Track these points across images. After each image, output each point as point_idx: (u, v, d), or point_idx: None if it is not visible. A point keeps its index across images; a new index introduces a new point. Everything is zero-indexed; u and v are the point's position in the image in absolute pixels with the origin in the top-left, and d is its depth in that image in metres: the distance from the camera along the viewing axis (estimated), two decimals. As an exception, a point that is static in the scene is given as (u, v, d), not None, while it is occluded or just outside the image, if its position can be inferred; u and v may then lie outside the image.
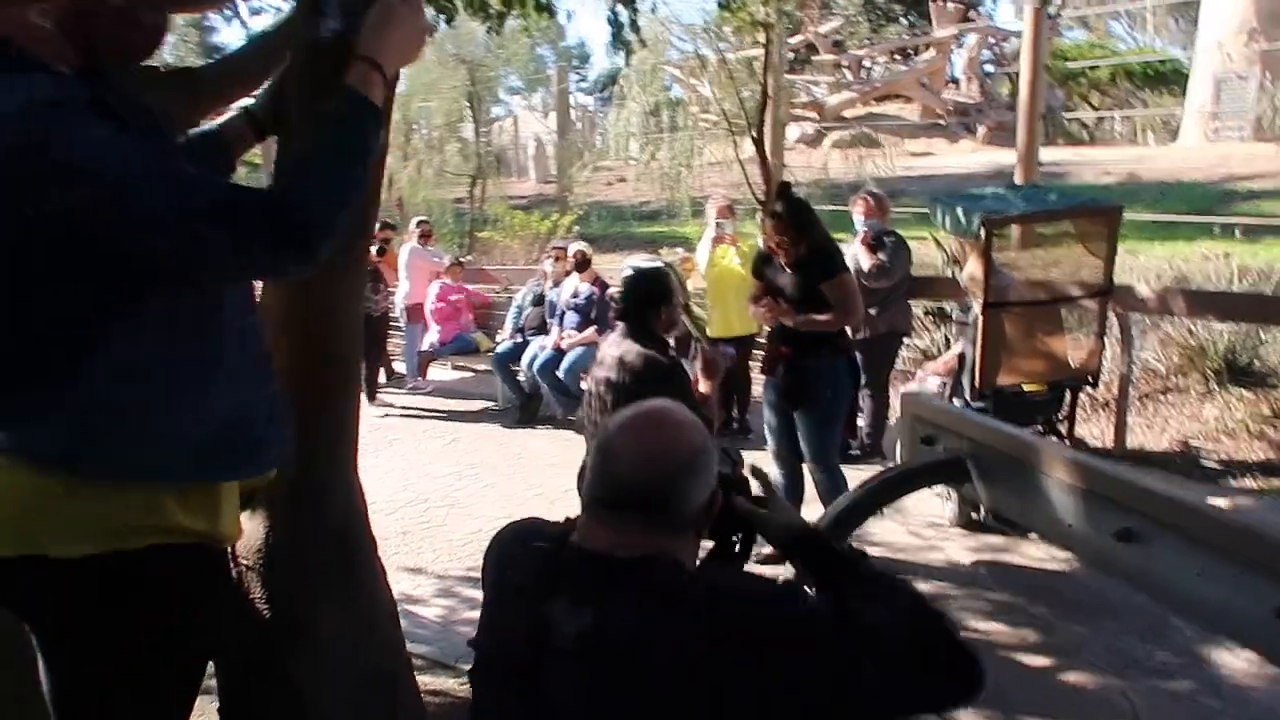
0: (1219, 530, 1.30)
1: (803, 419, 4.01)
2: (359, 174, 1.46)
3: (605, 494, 1.23)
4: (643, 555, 1.19)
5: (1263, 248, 8.42)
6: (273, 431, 1.59)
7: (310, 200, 1.36)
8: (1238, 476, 5.06)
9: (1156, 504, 1.39)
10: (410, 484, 5.88)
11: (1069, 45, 24.07)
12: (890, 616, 1.18)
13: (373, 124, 1.49)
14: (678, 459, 1.24)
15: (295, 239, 1.34)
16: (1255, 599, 1.22)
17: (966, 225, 4.26)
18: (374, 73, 1.50)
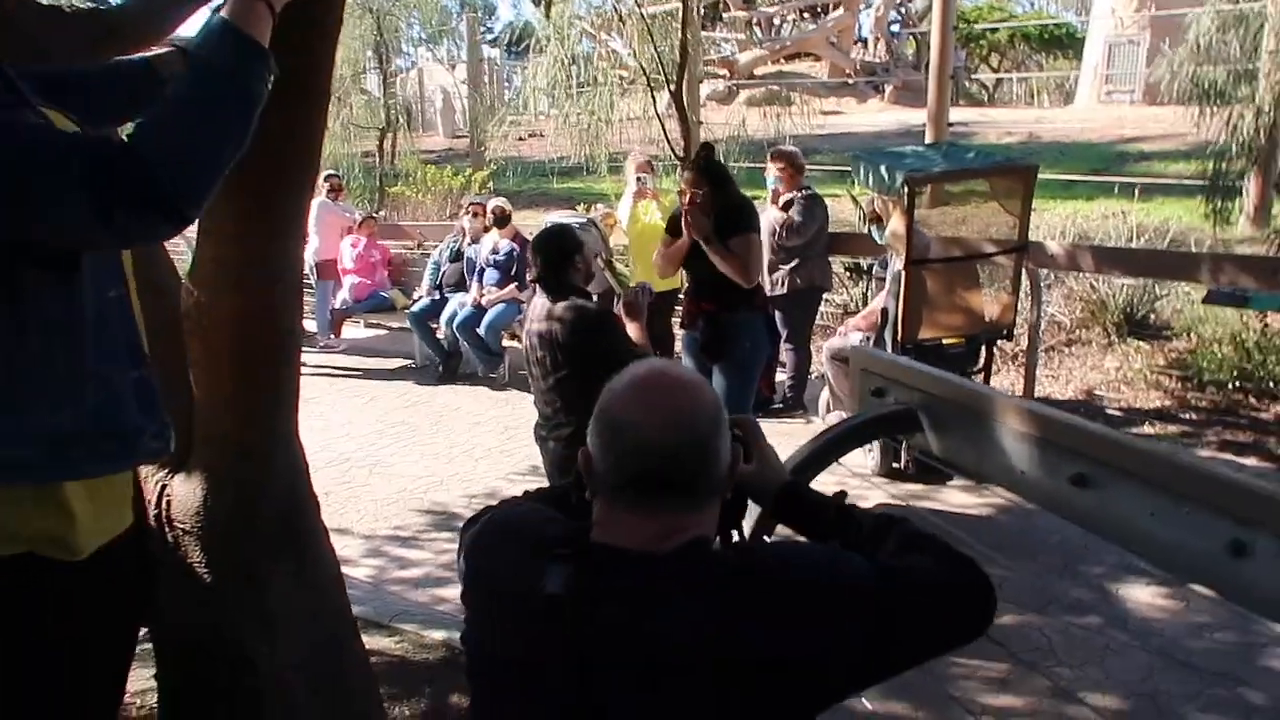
0: (1170, 471, 1.36)
1: (721, 372, 4.06)
2: (241, 126, 1.27)
3: (639, 472, 1.08)
4: (683, 544, 1.07)
5: (1155, 206, 8.83)
6: (148, 419, 1.45)
7: (185, 159, 1.21)
8: (1137, 423, 5.34)
9: (1108, 448, 1.46)
10: (329, 444, 5.75)
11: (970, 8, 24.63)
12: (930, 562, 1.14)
13: (253, 65, 1.28)
14: (705, 414, 1.11)
15: (166, 202, 1.20)
16: (1207, 537, 1.29)
17: (890, 182, 4.33)
18: (258, 4, 1.30)
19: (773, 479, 1.31)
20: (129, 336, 1.47)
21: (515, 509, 1.31)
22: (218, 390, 1.97)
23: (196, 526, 2.00)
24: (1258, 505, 1.25)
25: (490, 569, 1.20)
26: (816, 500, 1.30)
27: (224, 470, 2.00)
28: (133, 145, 1.21)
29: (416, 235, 9.07)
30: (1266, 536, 1.21)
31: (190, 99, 1.25)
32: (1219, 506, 1.28)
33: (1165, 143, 10.78)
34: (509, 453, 5.44)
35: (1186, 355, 5.93)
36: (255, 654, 2.00)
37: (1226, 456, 4.84)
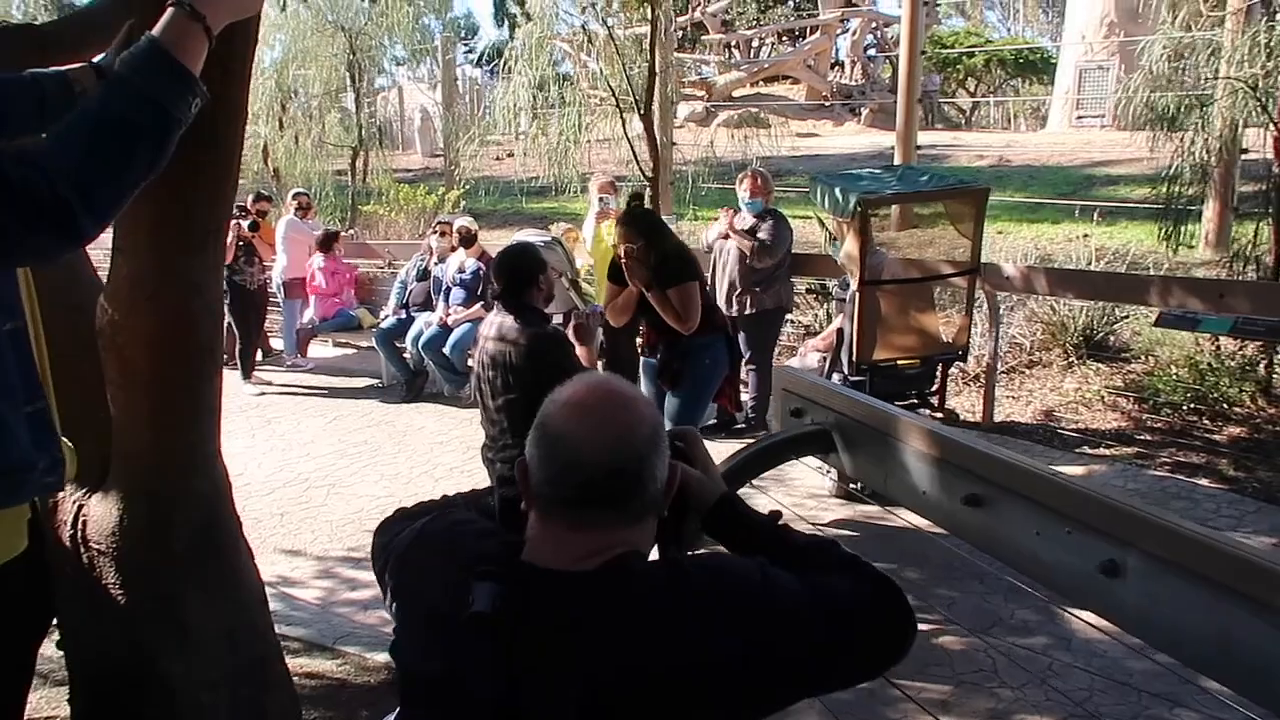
0: (1053, 492, 1.38)
1: (674, 395, 4.08)
2: (153, 150, 1.23)
3: (569, 491, 1.08)
4: (611, 560, 1.07)
5: (1118, 229, 8.94)
6: (39, 454, 1.41)
7: (84, 174, 1.17)
8: (1093, 445, 5.38)
9: (998, 469, 1.47)
10: (289, 464, 5.71)
11: (947, 33, 24.93)
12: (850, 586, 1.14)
13: (175, 88, 1.23)
14: (641, 434, 1.10)
15: (54, 217, 1.15)
16: (1083, 556, 1.30)
17: (844, 205, 4.37)
18: (191, 23, 1.25)
19: (710, 491, 1.31)
20: (24, 370, 1.43)
21: (445, 520, 1.28)
22: (134, 409, 1.95)
23: (111, 547, 1.98)
24: (1129, 525, 1.26)
25: (420, 583, 1.18)
26: (750, 516, 1.30)
27: (140, 490, 1.99)
28: (31, 152, 1.17)
29: (385, 254, 9.06)
30: (1137, 556, 1.23)
31: (101, 114, 1.21)
32: (1095, 527, 1.30)
33: (1131, 167, 10.93)
34: (469, 473, 5.41)
35: (1143, 377, 5.99)
36: (170, 674, 1.99)
37: (1179, 478, 4.88)
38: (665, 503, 1.16)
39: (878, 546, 4.16)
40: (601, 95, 10.01)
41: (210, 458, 2.08)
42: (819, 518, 4.49)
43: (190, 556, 2.03)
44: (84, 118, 1.22)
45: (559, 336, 3.40)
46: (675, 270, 3.97)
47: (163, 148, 1.25)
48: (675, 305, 3.92)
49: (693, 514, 1.29)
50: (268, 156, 12.07)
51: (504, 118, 10.43)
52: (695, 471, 1.29)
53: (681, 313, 3.92)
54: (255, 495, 5.12)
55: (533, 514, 1.13)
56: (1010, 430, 5.68)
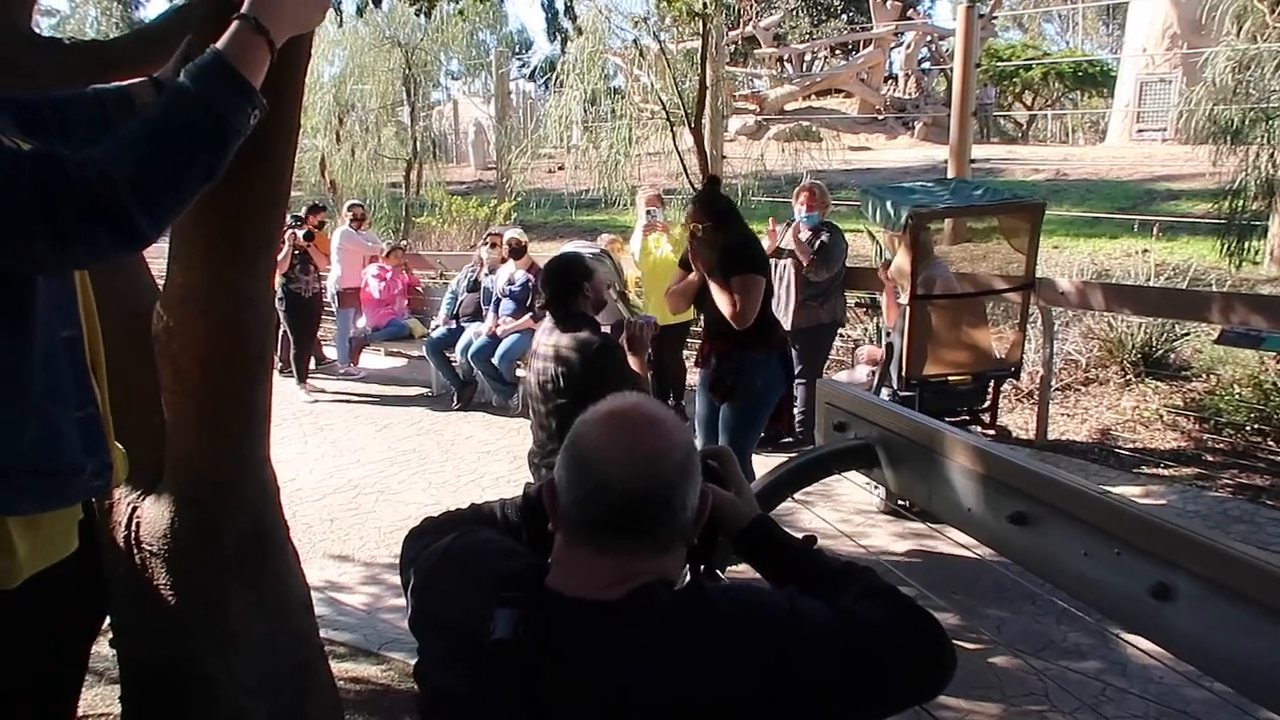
0: (1101, 512, 1.34)
1: (727, 410, 4.03)
2: (212, 158, 1.26)
3: (597, 514, 1.06)
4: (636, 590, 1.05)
5: (1179, 245, 8.72)
6: (88, 458, 1.44)
7: (143, 179, 1.19)
8: (1151, 465, 5.24)
9: (1044, 487, 1.43)
10: (340, 470, 5.79)
11: (1004, 45, 24.60)
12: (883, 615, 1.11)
13: (238, 100, 1.26)
14: (673, 459, 1.08)
15: (114, 220, 1.18)
16: (1133, 579, 1.26)
17: (895, 218, 4.33)
18: (255, 35, 1.28)
19: (743, 513, 1.30)
20: (77, 376, 1.46)
21: (470, 539, 1.27)
22: (186, 415, 2.00)
23: (162, 549, 2.02)
24: (1181, 547, 1.22)
25: (444, 606, 1.18)
26: (784, 540, 1.28)
27: (191, 494, 2.03)
28: (94, 157, 1.20)
29: (436, 265, 9.18)
30: (1188, 580, 1.19)
31: (163, 122, 1.24)
32: (1145, 549, 1.26)
33: (1193, 181, 10.66)
34: (515, 482, 5.43)
35: (1205, 396, 5.82)
36: (214, 677, 2.02)
37: (1241, 500, 4.73)
38: (696, 530, 1.14)
39: (925, 565, 4.10)
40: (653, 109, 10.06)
41: (259, 464, 2.11)
42: (865, 534, 4.43)
43: (237, 561, 2.06)
44: (146, 124, 1.24)
45: (610, 343, 3.41)
46: (741, 260, 3.87)
47: (221, 156, 1.28)
48: (735, 292, 3.81)
49: (724, 536, 1.28)
50: (325, 169, 12.32)
51: (556, 131, 10.52)
52: (727, 493, 1.28)
53: (740, 304, 3.80)
54: (306, 501, 5.21)
55: (559, 535, 1.12)
56: (1065, 449, 5.56)
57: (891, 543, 4.35)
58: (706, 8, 7.47)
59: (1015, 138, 23.16)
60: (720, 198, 4.10)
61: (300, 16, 1.37)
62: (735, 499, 1.30)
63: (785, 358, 4.09)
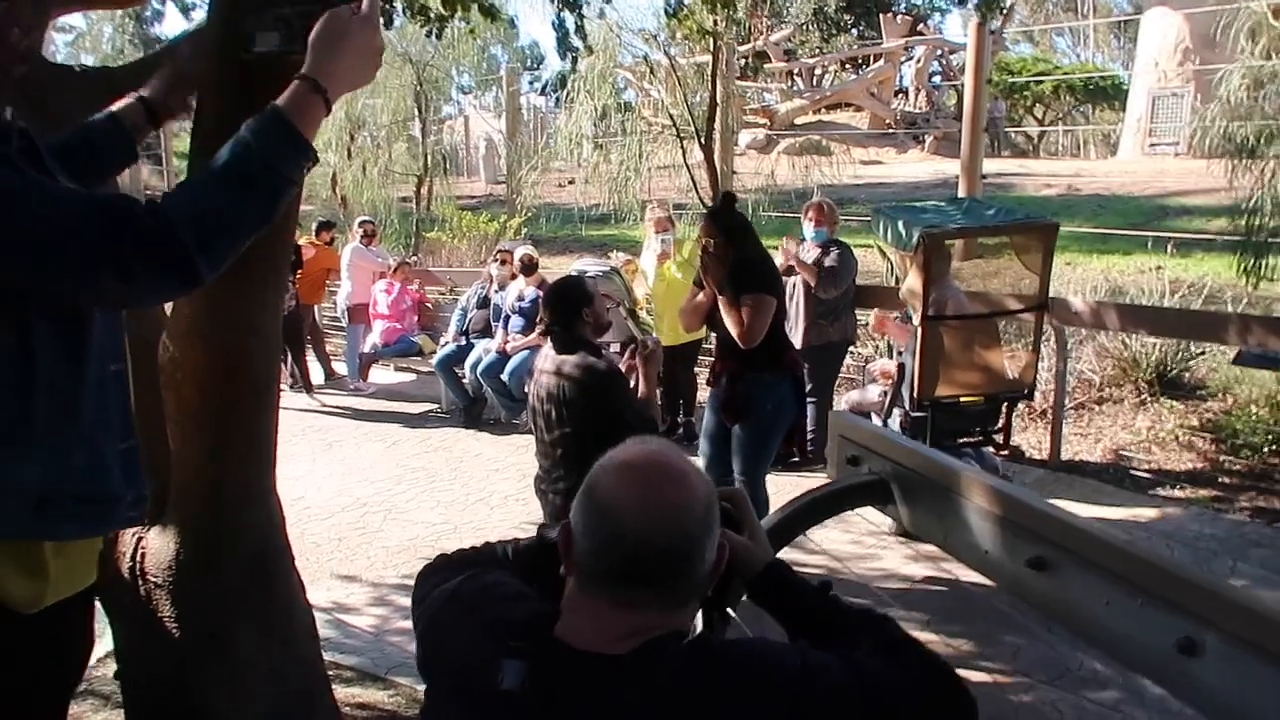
0: (1125, 562, 1.31)
1: (740, 432, 3.99)
2: (265, 206, 1.34)
3: (613, 566, 1.04)
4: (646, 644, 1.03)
5: (1193, 262, 8.66)
6: (128, 488, 1.50)
7: (203, 225, 1.27)
8: (1167, 486, 5.18)
9: (1066, 533, 1.40)
10: (348, 489, 5.78)
11: (1015, 59, 24.59)
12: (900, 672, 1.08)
13: (293, 154, 1.35)
14: (694, 513, 1.06)
15: (176, 262, 1.26)
16: (1158, 632, 1.23)
17: (906, 239, 4.29)
18: (313, 95, 1.35)
19: (758, 557, 1.27)
20: (122, 408, 1.52)
21: (479, 582, 1.25)
22: (191, 444, 1.98)
23: (167, 580, 2.01)
24: (1209, 603, 1.18)
25: (450, 649, 1.16)
26: (799, 586, 1.26)
27: (196, 523, 2.01)
28: (162, 205, 1.29)
29: (447, 281, 9.18)
30: (1216, 636, 1.15)
31: (225, 174, 1.32)
32: (1172, 602, 1.22)
33: (1207, 197, 10.59)
34: (524, 501, 5.41)
35: (1221, 416, 5.76)
36: (218, 707, 2.00)
37: (1260, 524, 4.66)
38: (712, 582, 1.11)
39: (939, 590, 4.04)
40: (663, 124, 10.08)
41: (265, 492, 2.10)
42: (878, 557, 4.39)
43: (241, 590, 2.05)
44: (209, 174, 1.33)
45: (612, 370, 3.38)
46: (752, 278, 3.84)
47: (276, 205, 1.37)
48: (744, 310, 3.77)
49: (738, 580, 1.25)
50: (336, 185, 12.36)
51: (566, 146, 10.54)
52: (741, 538, 1.25)
53: (747, 324, 3.76)
54: (314, 519, 5.19)
55: (572, 580, 1.09)
56: (1079, 469, 5.51)
57: (903, 565, 4.30)
58: (717, 25, 7.47)
59: (1026, 151, 23.12)
60: (733, 214, 4.06)
61: (355, 76, 1.44)
62: (749, 543, 1.28)
63: (798, 381, 4.04)
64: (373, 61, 1.44)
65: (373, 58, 1.43)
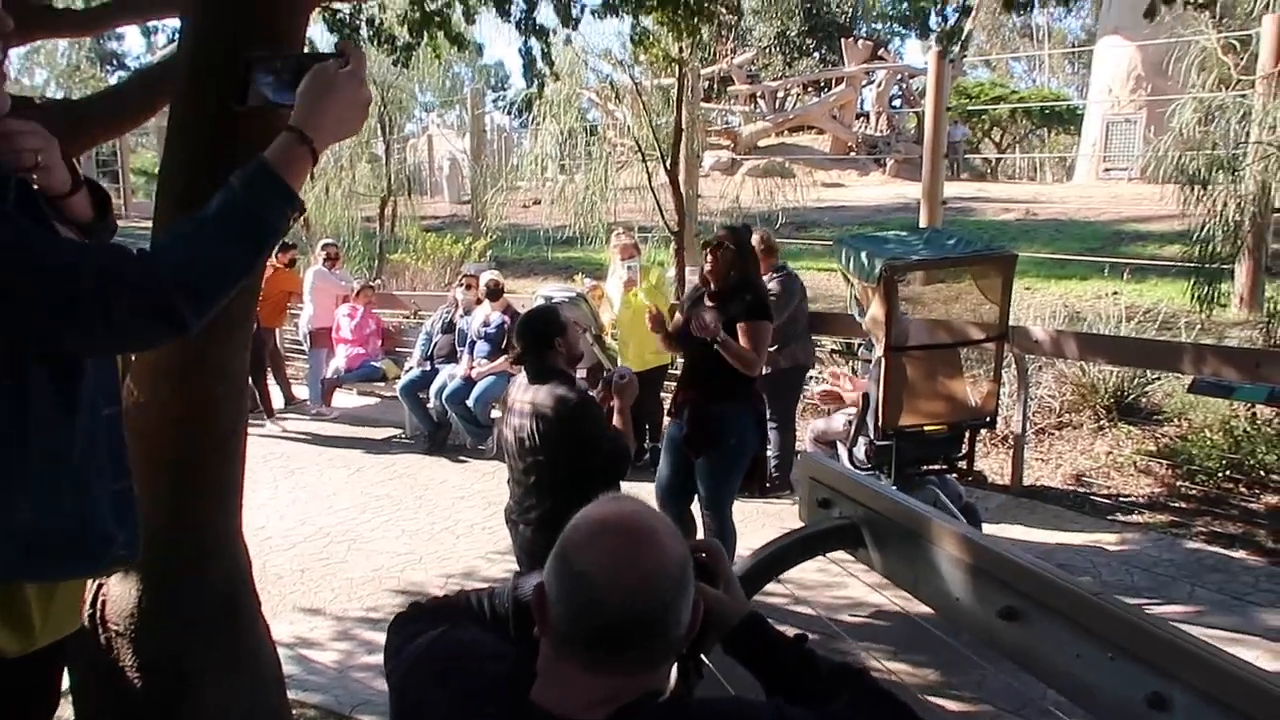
0: (1095, 616, 1.33)
1: (702, 464, 4.01)
2: (251, 255, 1.37)
3: (588, 632, 1.03)
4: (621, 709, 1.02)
5: (1148, 287, 8.84)
6: (120, 529, 1.51)
7: (191, 274, 1.30)
8: (1126, 511, 5.26)
9: (1037, 584, 1.42)
10: (310, 518, 5.69)
11: (972, 83, 25.05)
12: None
13: (279, 204, 1.37)
14: (670, 575, 1.05)
15: (165, 310, 1.28)
16: (1128, 685, 1.25)
17: (869, 269, 4.34)
18: (300, 146, 1.38)
19: (733, 610, 1.27)
20: (115, 451, 1.54)
21: (454, 638, 1.24)
22: (157, 490, 1.94)
23: (129, 629, 1.97)
24: (1178, 658, 1.20)
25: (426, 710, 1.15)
26: (775, 639, 1.26)
27: (160, 571, 1.97)
28: (151, 254, 1.33)
29: (411, 305, 9.12)
30: (1185, 691, 1.17)
31: (212, 224, 1.34)
32: (1141, 656, 1.24)
33: (1160, 223, 10.84)
34: (491, 530, 5.37)
35: (1177, 442, 5.87)
36: (182, 763, 1.95)
37: (1216, 549, 4.75)
38: (687, 643, 1.11)
39: (904, 617, 4.06)
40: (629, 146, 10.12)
41: (231, 537, 2.07)
42: (844, 585, 4.40)
43: (207, 638, 2.01)
44: (197, 224, 1.34)
45: (585, 399, 3.38)
46: (753, 304, 3.93)
47: (261, 253, 1.41)
48: (744, 343, 3.85)
49: (713, 633, 1.25)
50: (298, 207, 12.21)
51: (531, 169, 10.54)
52: (715, 591, 1.25)
53: (750, 350, 3.85)
54: (276, 550, 5.11)
55: (546, 644, 1.08)
56: (1040, 495, 5.58)
57: (869, 594, 4.31)
58: (682, 52, 7.53)
59: (985, 174, 23.52)
60: (750, 237, 4.23)
61: (342, 127, 1.46)
62: (723, 596, 1.28)
63: (759, 413, 4.09)
64: (359, 113, 1.46)
65: (359, 110, 1.46)
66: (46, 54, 26.15)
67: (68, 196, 1.50)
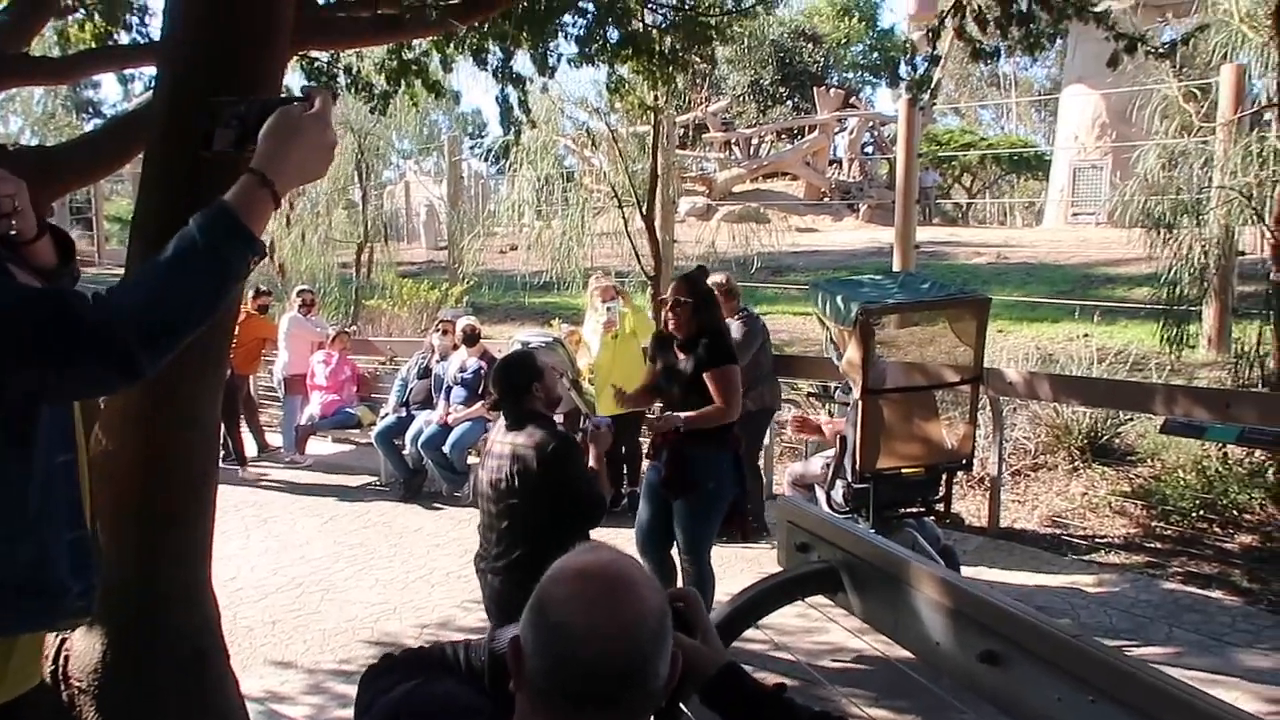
0: (1075, 657, 1.32)
1: (681, 508, 3.99)
2: (211, 301, 1.34)
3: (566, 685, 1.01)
4: None
5: (1118, 329, 8.97)
6: (76, 579, 1.47)
7: (145, 319, 1.27)
8: (1103, 552, 5.28)
9: (1017, 627, 1.41)
10: (283, 567, 5.60)
11: (942, 130, 25.53)
12: None
13: (240, 248, 1.34)
14: (648, 627, 1.03)
15: (119, 356, 1.26)
16: (1110, 730, 1.24)
17: (845, 313, 4.38)
18: (261, 189, 1.36)
19: (711, 660, 1.25)
20: (71, 499, 1.50)
21: (428, 692, 1.21)
22: (124, 540, 1.91)
23: (93, 685, 1.91)
24: (1159, 701, 1.20)
25: None
26: (753, 689, 1.24)
27: (127, 624, 1.93)
28: (106, 299, 1.29)
29: (387, 351, 9.08)
30: (1167, 735, 1.17)
31: (171, 268, 1.31)
32: (1122, 699, 1.23)
33: (1129, 266, 11.02)
34: (466, 578, 5.27)
35: (1151, 482, 5.91)
36: (145, 825, 1.89)
37: (1192, 589, 4.77)
38: (666, 695, 1.09)
39: (885, 663, 4.03)
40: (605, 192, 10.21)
41: (200, 588, 2.03)
42: (824, 630, 4.36)
43: (174, 695, 1.96)
44: (154, 268, 1.32)
45: (565, 442, 3.37)
46: (716, 350, 3.92)
47: (220, 299, 1.36)
48: (714, 389, 3.85)
49: (690, 684, 1.23)
50: (274, 253, 12.21)
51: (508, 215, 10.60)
52: (693, 641, 1.24)
53: (722, 399, 3.85)
54: (247, 601, 5.01)
55: (523, 698, 1.06)
56: (1017, 536, 5.59)
57: (849, 639, 4.27)
58: (658, 100, 7.63)
59: (956, 218, 23.88)
60: (705, 281, 4.20)
61: (305, 171, 1.45)
62: (701, 646, 1.26)
63: (738, 458, 4.08)
64: (324, 156, 1.45)
65: (324, 153, 1.44)
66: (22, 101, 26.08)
67: (32, 242, 1.47)
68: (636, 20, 5.42)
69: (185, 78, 1.80)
